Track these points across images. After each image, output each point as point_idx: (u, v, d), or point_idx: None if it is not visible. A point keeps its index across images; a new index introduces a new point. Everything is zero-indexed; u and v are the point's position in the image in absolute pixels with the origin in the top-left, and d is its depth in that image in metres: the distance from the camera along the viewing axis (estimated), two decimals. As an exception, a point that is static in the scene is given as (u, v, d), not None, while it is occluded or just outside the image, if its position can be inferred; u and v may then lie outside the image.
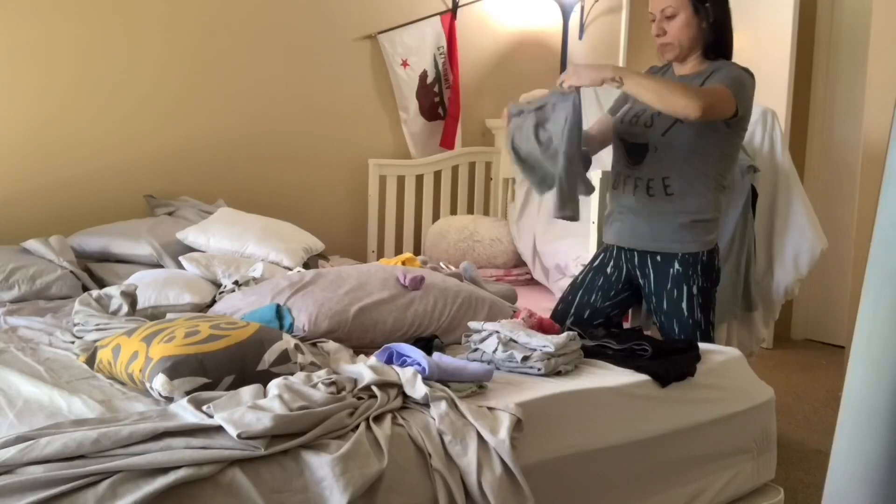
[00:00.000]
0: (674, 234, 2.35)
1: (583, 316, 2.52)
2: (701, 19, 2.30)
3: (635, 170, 2.39)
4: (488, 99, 4.42)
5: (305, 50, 3.86)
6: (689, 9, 2.29)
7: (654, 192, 2.35)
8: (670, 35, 2.32)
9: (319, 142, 3.94)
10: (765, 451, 2.20)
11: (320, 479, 1.39)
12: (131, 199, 3.43)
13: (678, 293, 2.36)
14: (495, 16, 4.40)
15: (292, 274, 2.50)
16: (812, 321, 4.94)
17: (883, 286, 1.12)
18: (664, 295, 2.38)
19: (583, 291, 2.55)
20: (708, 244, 2.36)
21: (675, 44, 2.33)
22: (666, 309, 2.39)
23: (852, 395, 1.17)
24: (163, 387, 1.62)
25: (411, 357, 1.80)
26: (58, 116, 3.29)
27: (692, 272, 2.35)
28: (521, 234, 3.80)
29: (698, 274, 2.35)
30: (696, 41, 2.32)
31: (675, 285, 2.36)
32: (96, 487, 1.26)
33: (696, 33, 2.31)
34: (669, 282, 2.37)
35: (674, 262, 2.36)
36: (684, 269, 2.35)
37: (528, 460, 1.62)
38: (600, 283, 2.52)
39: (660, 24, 2.33)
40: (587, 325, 2.46)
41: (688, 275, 2.35)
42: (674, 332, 2.39)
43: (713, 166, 2.33)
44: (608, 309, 2.53)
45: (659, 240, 2.37)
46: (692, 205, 2.33)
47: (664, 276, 2.38)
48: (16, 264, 2.74)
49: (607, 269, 2.52)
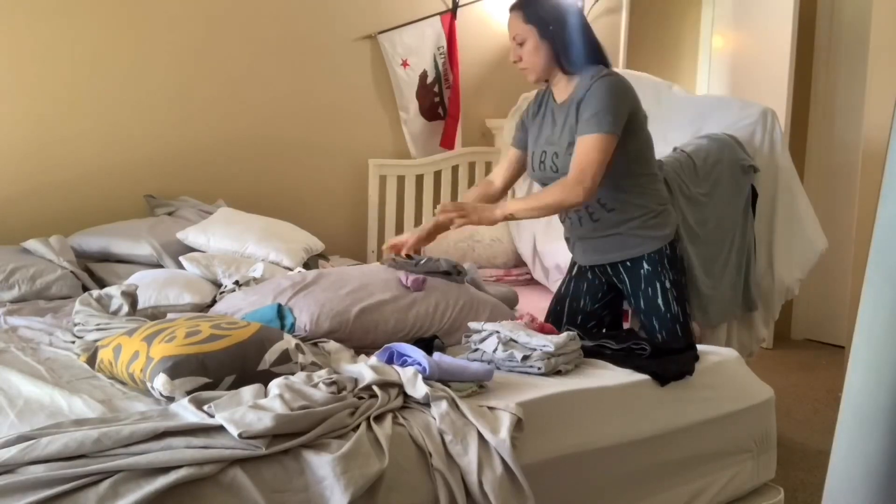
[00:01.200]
0: (631, 241, 2.42)
1: (576, 322, 2.56)
2: (549, 42, 2.34)
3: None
4: (488, 99, 4.42)
5: (305, 50, 3.86)
6: (534, 35, 2.34)
7: (597, 215, 2.42)
8: (525, 61, 2.38)
9: (319, 142, 3.94)
10: (765, 451, 2.20)
11: (321, 479, 1.40)
12: (131, 199, 3.43)
13: (652, 290, 2.43)
14: (495, 16, 4.40)
15: (294, 274, 2.50)
16: (812, 321, 4.95)
17: (883, 286, 1.12)
18: (640, 295, 2.45)
19: (570, 299, 2.59)
20: (667, 237, 2.43)
21: (531, 68, 2.39)
22: (644, 307, 2.45)
23: (852, 395, 1.17)
24: (164, 386, 1.62)
25: (412, 357, 1.80)
26: (58, 116, 3.30)
27: (661, 268, 2.42)
28: (521, 234, 3.80)
29: (667, 268, 2.42)
30: (550, 61, 2.36)
31: (649, 283, 2.43)
32: (97, 487, 1.26)
33: (548, 54, 2.35)
34: (643, 281, 2.43)
35: (642, 263, 2.42)
36: (653, 268, 2.42)
37: (528, 460, 1.62)
38: (585, 288, 2.57)
39: (515, 52, 2.40)
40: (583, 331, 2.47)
41: (657, 271, 2.42)
42: (654, 329, 2.44)
43: (634, 168, 2.38)
44: (599, 311, 2.57)
45: (621, 250, 2.44)
46: (636, 210, 2.40)
47: (637, 277, 2.44)
48: (16, 264, 2.74)
49: (588, 275, 2.57)
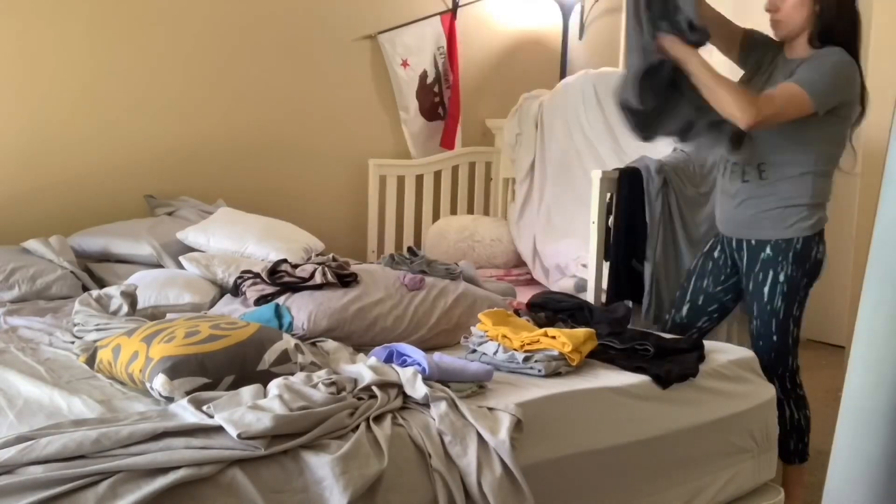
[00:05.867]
0: (766, 220, 2.34)
1: (698, 302, 2.54)
2: (815, 2, 2.25)
3: (733, 155, 2.38)
4: (488, 99, 4.42)
5: (306, 50, 3.86)
6: None
7: (749, 177, 2.35)
8: (782, 13, 2.29)
9: (319, 142, 3.94)
10: (765, 451, 2.20)
11: (320, 479, 1.39)
12: (131, 199, 3.43)
13: (763, 276, 2.35)
14: (495, 16, 4.40)
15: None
16: (812, 321, 4.93)
17: (883, 286, 1.12)
18: (752, 277, 2.38)
19: (696, 277, 2.56)
20: (803, 230, 2.31)
21: (786, 21, 2.30)
22: (750, 290, 2.39)
23: (852, 395, 1.16)
24: (163, 387, 1.62)
25: (412, 357, 1.80)
26: (58, 117, 3.29)
27: (782, 258, 2.33)
28: (521, 234, 3.80)
29: (788, 261, 2.32)
30: (805, 23, 2.27)
31: (763, 269, 2.35)
32: (96, 487, 1.26)
33: (808, 16, 2.26)
34: (758, 265, 2.36)
35: (766, 247, 2.35)
36: (774, 255, 2.33)
37: (528, 460, 1.62)
38: (710, 268, 2.53)
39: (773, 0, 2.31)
40: (702, 312, 2.52)
41: (777, 260, 2.33)
42: (752, 314, 2.39)
43: (811, 152, 2.29)
44: (720, 294, 2.53)
45: (752, 227, 2.37)
46: (787, 190, 2.31)
47: (755, 259, 2.37)
48: (16, 264, 2.74)
49: (715, 254, 2.53)
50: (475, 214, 4.20)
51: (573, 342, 1.95)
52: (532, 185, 3.92)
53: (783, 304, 2.33)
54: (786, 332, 2.36)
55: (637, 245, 2.78)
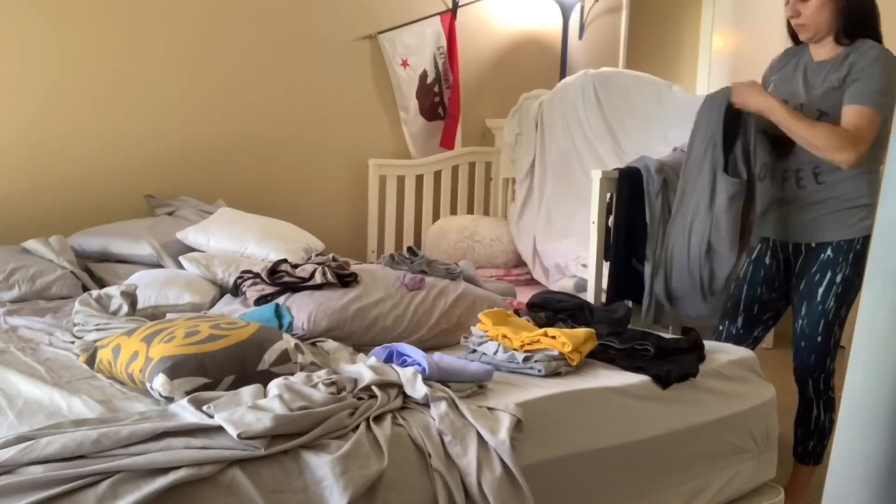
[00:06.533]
0: (828, 223, 2.32)
1: (752, 311, 2.52)
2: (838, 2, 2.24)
3: (782, 161, 2.37)
4: (488, 99, 4.42)
5: (305, 50, 3.86)
6: None
7: (805, 182, 2.34)
8: (805, 17, 2.28)
9: (319, 142, 3.94)
10: (765, 451, 2.20)
11: (320, 479, 1.39)
12: (131, 199, 3.43)
13: (820, 277, 2.33)
14: (495, 16, 4.40)
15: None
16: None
17: (883, 286, 1.11)
18: (806, 276, 2.36)
19: (747, 286, 2.54)
20: (864, 230, 2.30)
21: (811, 24, 2.28)
22: (803, 289, 2.37)
23: (852, 395, 1.16)
24: (163, 387, 1.62)
25: (412, 357, 1.80)
26: (58, 116, 3.29)
27: (842, 259, 2.31)
28: (521, 234, 3.80)
29: (848, 262, 2.31)
30: (831, 23, 2.27)
31: (820, 270, 2.34)
32: (96, 487, 1.26)
33: (831, 16, 2.26)
34: (816, 265, 2.35)
35: (827, 249, 2.33)
36: (835, 256, 2.31)
37: (528, 460, 1.61)
38: (762, 275, 2.51)
39: (794, 6, 2.29)
40: (757, 321, 2.51)
41: (837, 262, 2.31)
42: (800, 313, 2.37)
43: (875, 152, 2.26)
44: (776, 300, 2.51)
45: (814, 231, 2.35)
46: (845, 191, 2.30)
47: (813, 261, 2.36)
48: (16, 264, 2.74)
49: (766, 260, 2.51)
50: (475, 214, 4.20)
51: (573, 342, 1.94)
52: (532, 185, 3.92)
53: (835, 305, 2.32)
54: (830, 333, 2.36)
55: (637, 245, 2.78)
